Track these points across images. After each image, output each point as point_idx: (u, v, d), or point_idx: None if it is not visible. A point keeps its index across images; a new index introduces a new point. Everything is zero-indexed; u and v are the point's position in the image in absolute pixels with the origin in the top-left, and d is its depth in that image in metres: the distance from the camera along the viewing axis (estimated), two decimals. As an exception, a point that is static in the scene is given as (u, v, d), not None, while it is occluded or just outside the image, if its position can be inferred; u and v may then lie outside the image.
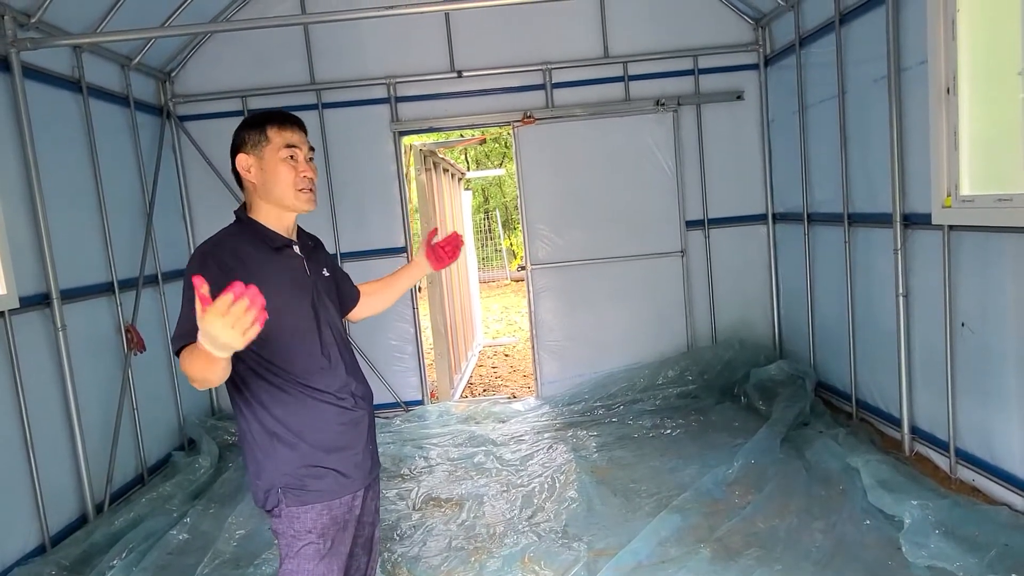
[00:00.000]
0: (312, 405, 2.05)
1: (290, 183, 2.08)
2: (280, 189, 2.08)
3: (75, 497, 4.28)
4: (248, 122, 2.15)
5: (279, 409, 2.02)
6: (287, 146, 2.09)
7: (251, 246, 2.05)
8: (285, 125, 2.11)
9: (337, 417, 2.09)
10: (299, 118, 2.18)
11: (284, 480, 2.03)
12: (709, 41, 6.06)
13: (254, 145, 2.10)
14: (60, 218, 4.32)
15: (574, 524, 3.90)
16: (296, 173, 2.09)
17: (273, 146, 2.09)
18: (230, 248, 2.02)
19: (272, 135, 2.09)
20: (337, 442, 2.09)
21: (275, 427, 2.03)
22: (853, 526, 3.53)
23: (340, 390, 2.11)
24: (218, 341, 1.56)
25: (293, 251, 2.14)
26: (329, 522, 2.07)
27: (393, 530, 4.03)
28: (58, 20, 4.38)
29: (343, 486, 2.09)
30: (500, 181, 20.21)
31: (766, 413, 5.14)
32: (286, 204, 2.10)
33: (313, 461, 2.04)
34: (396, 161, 6.14)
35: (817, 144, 5.27)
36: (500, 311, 13.28)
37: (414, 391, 6.30)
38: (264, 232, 2.10)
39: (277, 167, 2.08)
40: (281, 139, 2.09)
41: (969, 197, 3.61)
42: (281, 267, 2.07)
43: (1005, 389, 3.55)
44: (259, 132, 2.10)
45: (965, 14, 3.56)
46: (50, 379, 4.16)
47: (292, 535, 2.05)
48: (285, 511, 2.04)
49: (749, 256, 6.27)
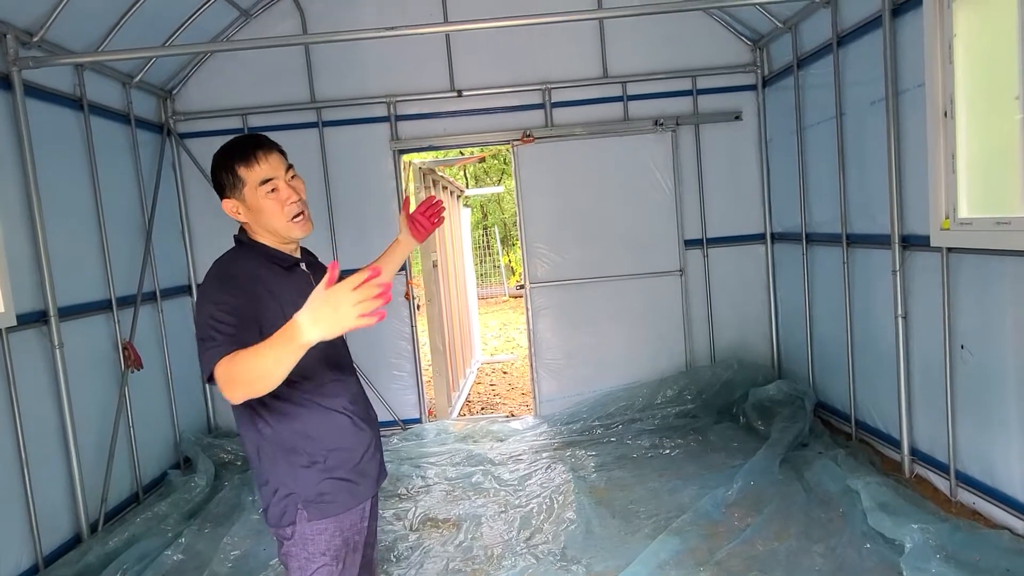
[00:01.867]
0: (325, 417, 2.06)
1: (279, 216, 2.03)
2: (273, 224, 2.05)
3: (69, 516, 4.24)
4: (218, 163, 2.04)
5: (293, 422, 2.02)
6: (263, 182, 2.00)
7: (263, 267, 2.05)
8: (251, 160, 2.00)
9: (348, 428, 2.10)
10: (264, 141, 2.06)
11: (305, 494, 2.01)
12: (708, 62, 6.10)
13: (232, 187, 2.02)
14: (59, 235, 4.32)
15: (572, 546, 3.87)
16: (282, 205, 2.03)
17: (249, 186, 2.00)
18: (245, 267, 2.02)
19: (244, 174, 2.00)
20: (350, 455, 2.09)
21: (289, 440, 2.01)
22: (853, 550, 3.51)
23: (349, 401, 2.13)
24: (332, 317, 1.55)
25: (301, 268, 2.15)
26: (341, 544, 2.06)
27: (390, 551, 4.00)
28: (60, 39, 4.40)
29: (356, 496, 2.09)
30: (499, 198, 20.25)
31: (765, 433, 5.11)
32: (282, 235, 2.08)
33: (331, 474, 2.04)
34: (395, 179, 6.16)
35: (815, 165, 5.30)
36: (499, 327, 13.27)
37: (412, 409, 6.28)
38: (271, 253, 2.09)
39: (260, 205, 2.02)
40: (254, 176, 2.00)
41: (967, 220, 3.62)
42: (294, 285, 2.06)
43: (1005, 412, 3.54)
44: (231, 174, 2.01)
45: (962, 38, 3.59)
46: (46, 397, 4.14)
47: (305, 558, 2.03)
48: (298, 530, 2.01)
49: (748, 276, 6.28)
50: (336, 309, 1.55)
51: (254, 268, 2.03)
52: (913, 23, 3.91)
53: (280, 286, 2.02)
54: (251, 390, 1.73)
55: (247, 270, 2.02)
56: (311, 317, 1.58)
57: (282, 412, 2.01)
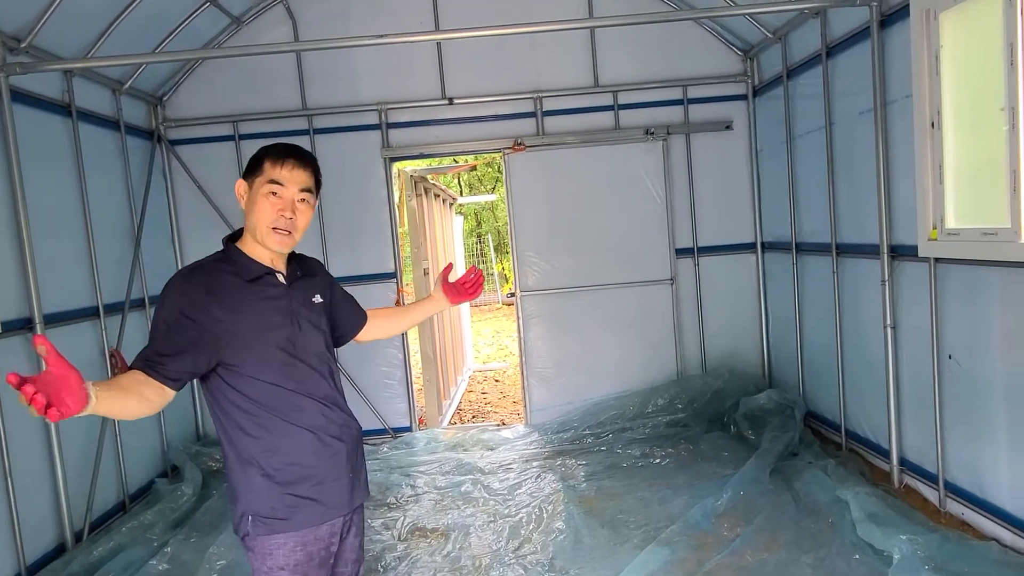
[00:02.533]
0: (285, 433, 2.03)
1: (265, 218, 2.04)
2: (255, 221, 2.05)
3: (53, 525, 4.20)
4: (258, 151, 2.12)
5: (252, 436, 2.01)
6: (270, 182, 2.04)
7: (229, 275, 2.04)
8: (280, 160, 2.05)
9: (311, 446, 2.06)
10: (304, 156, 2.10)
11: (256, 508, 2.01)
12: (698, 72, 6.13)
13: (251, 172, 2.08)
14: (46, 242, 4.29)
15: (561, 556, 3.84)
16: (273, 211, 2.04)
17: (262, 178, 2.05)
18: (205, 276, 2.01)
19: (266, 167, 2.06)
20: (312, 472, 2.06)
21: (249, 455, 2.01)
22: (842, 560, 3.50)
23: (315, 418, 2.08)
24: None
25: (273, 279, 2.10)
26: (303, 559, 2.03)
27: (377, 561, 3.97)
28: (49, 45, 4.38)
29: (317, 515, 2.06)
30: (493, 206, 20.26)
31: (755, 443, 5.11)
32: (257, 237, 2.07)
33: (286, 490, 2.02)
34: (387, 187, 6.15)
35: (805, 174, 5.31)
36: (491, 335, 13.25)
37: (402, 417, 6.25)
38: (242, 262, 2.08)
39: (257, 200, 2.05)
40: (270, 174, 2.05)
41: (955, 230, 3.64)
42: (256, 298, 2.04)
43: (992, 422, 3.54)
44: (258, 161, 2.07)
45: (949, 49, 3.61)
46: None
47: (265, 572, 2.02)
48: (257, 542, 2.02)
49: (738, 285, 6.28)
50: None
51: (218, 274, 2.03)
52: (901, 34, 3.94)
53: (242, 296, 2.02)
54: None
55: (208, 274, 2.02)
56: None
57: (243, 425, 2.01)
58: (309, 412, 2.07)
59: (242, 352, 1.98)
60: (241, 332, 1.98)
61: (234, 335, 1.97)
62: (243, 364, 1.98)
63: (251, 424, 2.01)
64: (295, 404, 2.05)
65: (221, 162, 6.02)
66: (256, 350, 1.99)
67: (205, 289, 1.97)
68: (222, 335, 1.95)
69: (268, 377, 2.01)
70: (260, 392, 2.00)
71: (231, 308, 1.98)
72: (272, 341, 2.03)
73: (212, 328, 1.93)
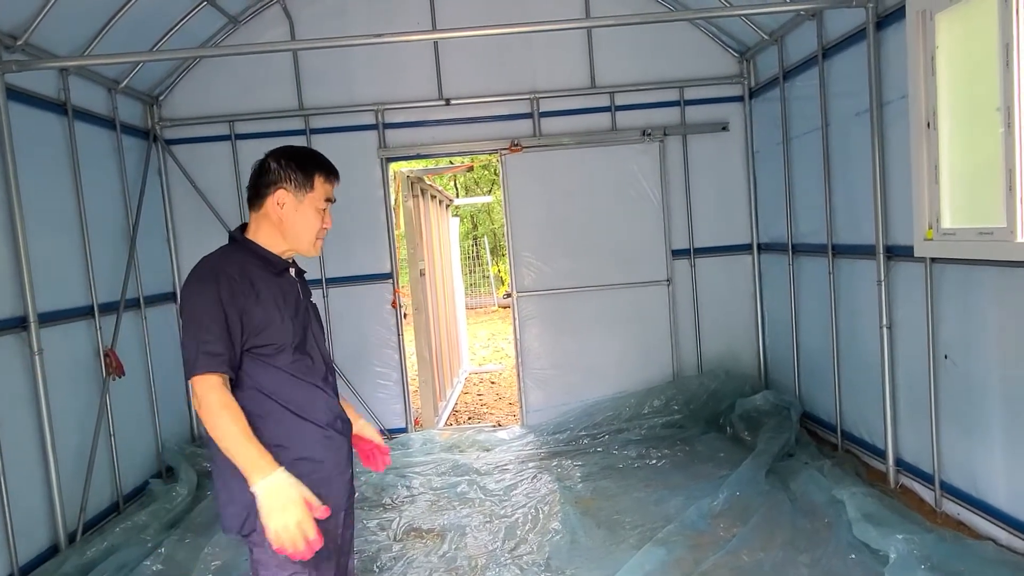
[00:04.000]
0: (297, 426, 2.06)
1: (313, 230, 2.15)
2: (303, 234, 2.14)
3: (47, 526, 4.17)
4: (295, 159, 2.14)
5: (264, 429, 2.00)
6: (327, 200, 2.17)
7: (253, 266, 2.09)
8: (331, 178, 2.18)
9: (320, 439, 2.10)
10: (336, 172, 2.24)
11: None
12: (695, 73, 6.14)
13: (298, 187, 2.12)
14: (41, 240, 4.27)
15: (557, 557, 3.83)
16: (320, 225, 2.16)
17: (316, 196, 2.14)
18: (234, 266, 2.05)
19: (318, 186, 2.14)
20: (319, 465, 2.08)
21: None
22: (839, 560, 3.49)
23: (325, 412, 2.12)
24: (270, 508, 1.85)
25: (290, 274, 2.20)
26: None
27: (373, 562, 3.95)
28: (45, 43, 4.37)
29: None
30: (489, 208, 20.28)
31: (751, 443, 5.11)
32: (299, 247, 2.17)
33: None
34: (383, 187, 6.14)
35: (801, 175, 5.32)
36: (487, 338, 13.24)
37: (398, 418, 6.24)
38: (265, 254, 2.13)
39: (311, 216, 2.14)
40: (324, 192, 2.16)
41: (950, 230, 3.65)
42: (280, 290, 2.11)
43: (988, 422, 3.54)
44: (306, 177, 2.13)
45: (944, 50, 3.62)
46: (25, 403, 4.07)
47: (276, 565, 2.01)
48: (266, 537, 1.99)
49: (735, 285, 6.29)
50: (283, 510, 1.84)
51: (243, 266, 2.07)
52: (896, 36, 3.95)
53: (268, 287, 2.08)
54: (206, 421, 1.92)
55: (237, 263, 2.06)
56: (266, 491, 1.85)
57: (255, 418, 2.00)
58: (319, 405, 2.12)
59: (270, 341, 2.03)
60: (272, 321, 2.03)
61: (266, 324, 2.02)
62: (269, 352, 2.03)
63: (264, 418, 2.02)
64: (309, 397, 2.09)
65: (217, 162, 6.01)
66: (282, 339, 2.05)
67: (240, 277, 2.02)
68: (255, 323, 2.00)
69: (289, 368, 2.06)
70: (278, 383, 2.04)
71: (263, 298, 2.04)
72: (295, 331, 2.09)
73: (249, 316, 1.99)
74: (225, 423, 1.88)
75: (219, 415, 1.88)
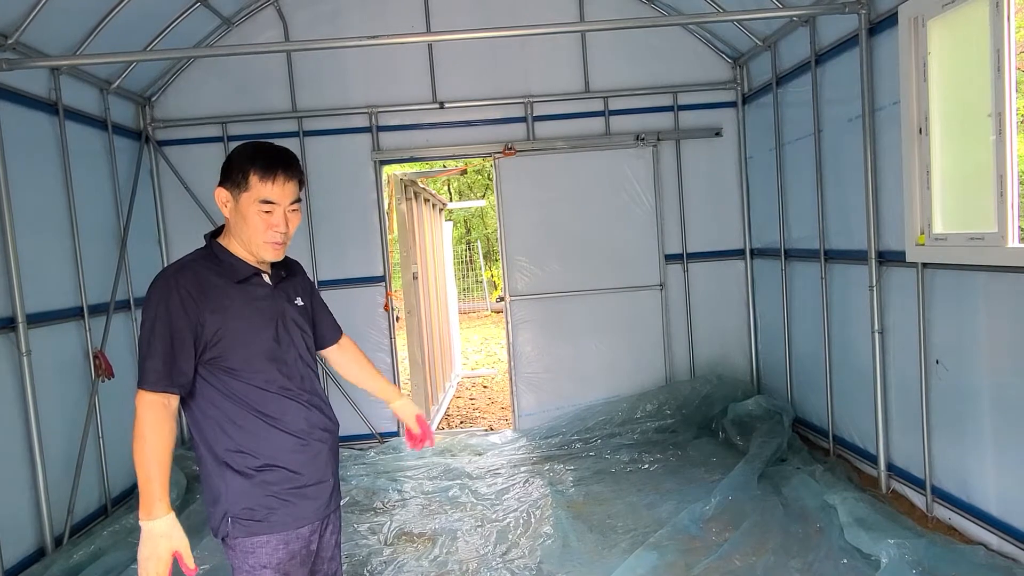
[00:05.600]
0: (267, 434, 2.01)
1: (258, 234, 2.01)
2: (247, 235, 2.03)
3: (33, 529, 4.12)
4: (238, 157, 2.01)
5: (232, 436, 1.98)
6: (263, 201, 1.98)
7: (215, 275, 2.01)
8: (269, 176, 1.97)
9: (293, 447, 2.04)
10: (292, 165, 2.03)
11: (235, 509, 1.98)
12: (688, 78, 6.16)
13: (235, 184, 2.00)
14: (30, 240, 4.23)
15: (549, 561, 3.82)
16: (267, 227, 2.01)
17: (250, 195, 1.98)
18: (194, 275, 1.98)
19: (253, 183, 1.97)
20: (292, 474, 2.03)
21: (226, 455, 1.99)
22: (831, 565, 3.49)
23: (298, 421, 2.06)
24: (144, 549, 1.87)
25: (260, 280, 2.09)
26: (286, 557, 2.01)
27: (363, 566, 3.93)
28: (36, 42, 4.34)
29: (297, 519, 2.03)
30: (482, 212, 20.29)
31: (743, 448, 5.11)
32: (250, 249, 2.06)
33: (265, 491, 1.99)
34: (376, 190, 6.13)
35: (794, 181, 5.34)
36: (480, 342, 13.22)
37: (389, 422, 6.20)
38: (229, 262, 2.05)
39: (248, 215, 2.00)
40: (259, 192, 1.98)
41: (942, 235, 3.66)
42: (244, 298, 2.03)
43: (979, 427, 3.55)
44: (242, 173, 1.98)
45: (936, 57, 3.65)
46: (12, 405, 4.03)
47: (247, 571, 1.99)
48: (239, 543, 1.99)
49: (727, 291, 6.30)
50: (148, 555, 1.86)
51: (205, 273, 2.00)
52: (889, 42, 3.97)
53: (229, 296, 2.00)
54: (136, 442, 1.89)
55: (196, 273, 1.99)
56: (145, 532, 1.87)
57: (222, 425, 1.98)
58: (292, 415, 2.05)
59: (230, 352, 1.97)
60: (230, 332, 1.97)
61: (223, 335, 1.96)
62: (230, 364, 1.97)
63: (232, 425, 1.98)
64: (279, 407, 2.03)
65: (209, 164, 5.96)
66: (244, 350, 1.99)
67: (196, 289, 1.95)
68: (212, 335, 1.94)
69: (254, 379, 2.00)
70: (244, 391, 1.99)
71: (221, 308, 1.97)
72: (259, 342, 2.02)
73: (204, 328, 1.93)
74: (143, 447, 1.85)
75: (142, 437, 1.86)
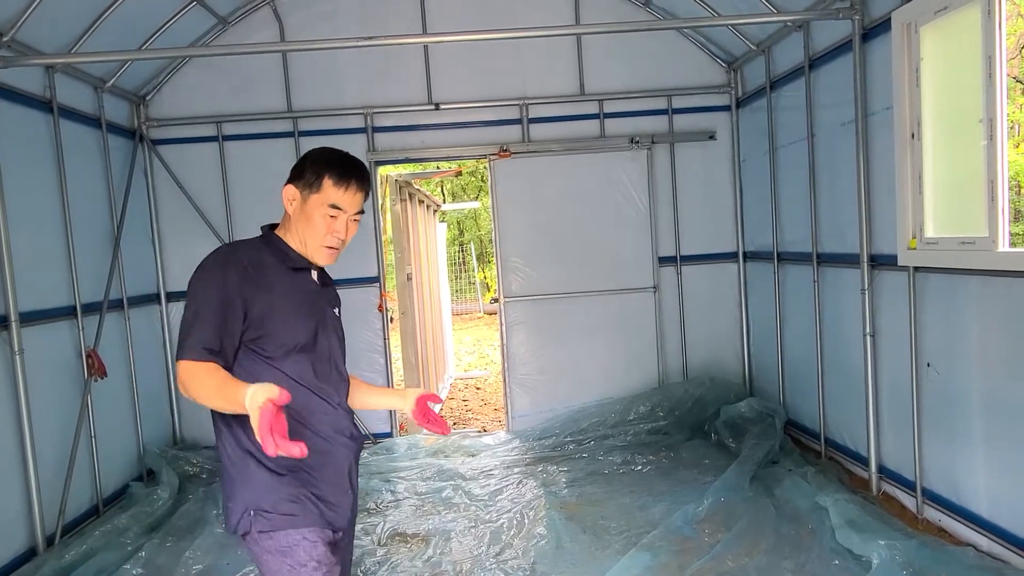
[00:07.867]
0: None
1: (319, 236, 2.05)
2: (307, 235, 2.06)
3: (24, 529, 4.10)
4: (316, 161, 2.05)
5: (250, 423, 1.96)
6: (331, 206, 2.03)
7: (270, 258, 2.04)
8: (343, 183, 2.03)
9: (317, 448, 2.00)
10: (364, 174, 2.09)
11: (259, 503, 1.95)
12: (683, 82, 6.19)
13: (307, 184, 2.03)
14: (23, 239, 4.22)
15: (542, 562, 3.83)
16: (329, 231, 2.05)
17: (320, 198, 2.02)
18: (248, 255, 2.01)
19: (326, 186, 2.02)
20: (315, 474, 2.01)
21: (252, 445, 1.95)
22: (822, 566, 3.52)
23: (324, 421, 2.05)
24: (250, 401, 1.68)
25: (310, 276, 2.13)
26: (325, 552, 1.98)
27: (357, 567, 3.92)
28: (31, 39, 4.33)
29: (322, 518, 2.01)
30: (476, 214, 20.28)
31: (736, 450, 5.13)
32: (306, 251, 2.08)
33: (290, 487, 1.97)
34: (371, 191, 6.12)
35: (787, 185, 5.37)
36: (473, 343, 13.22)
37: (383, 423, 6.21)
38: (286, 250, 2.08)
39: (314, 217, 2.04)
40: (330, 196, 2.02)
41: (933, 239, 3.69)
42: (293, 286, 2.06)
43: (969, 430, 3.58)
44: (316, 175, 2.02)
45: (929, 62, 3.68)
46: (4, 404, 4.02)
47: (288, 570, 1.95)
48: (273, 541, 1.95)
49: (720, 293, 6.33)
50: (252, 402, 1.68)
51: (259, 255, 2.03)
52: (882, 47, 4.01)
53: (280, 280, 2.02)
54: (199, 401, 1.84)
55: (250, 254, 2.02)
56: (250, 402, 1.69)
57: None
58: (319, 415, 2.04)
59: (270, 335, 1.96)
60: (275, 311, 1.97)
61: (267, 313, 1.96)
62: (268, 350, 1.97)
63: None
64: (308, 404, 2.01)
65: (204, 163, 5.98)
66: (283, 335, 1.98)
67: (251, 264, 1.98)
68: (258, 312, 1.95)
69: (289, 369, 1.99)
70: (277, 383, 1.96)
71: (269, 286, 1.98)
72: (300, 330, 2.02)
73: (253, 304, 1.94)
74: (203, 385, 1.82)
75: (199, 384, 1.82)
